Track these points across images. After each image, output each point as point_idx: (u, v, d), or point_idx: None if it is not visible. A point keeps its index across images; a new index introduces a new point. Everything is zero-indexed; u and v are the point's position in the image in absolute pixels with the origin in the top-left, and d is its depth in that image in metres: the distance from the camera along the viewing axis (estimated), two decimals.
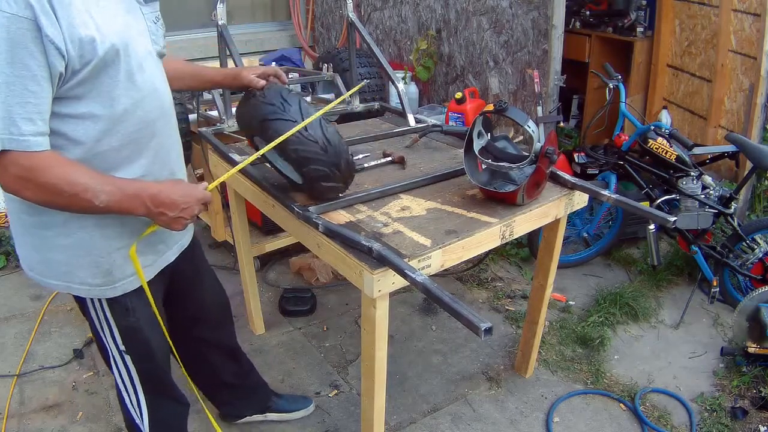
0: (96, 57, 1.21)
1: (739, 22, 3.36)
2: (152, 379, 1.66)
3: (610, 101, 3.16)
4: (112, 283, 1.45)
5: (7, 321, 2.90)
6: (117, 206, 1.27)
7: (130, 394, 1.64)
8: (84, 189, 1.21)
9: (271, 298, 3.13)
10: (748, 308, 2.57)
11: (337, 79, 3.07)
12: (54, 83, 1.18)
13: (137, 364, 1.59)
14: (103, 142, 1.30)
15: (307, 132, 1.60)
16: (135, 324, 1.53)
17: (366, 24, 4.75)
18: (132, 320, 1.52)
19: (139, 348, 1.57)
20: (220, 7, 2.41)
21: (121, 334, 1.52)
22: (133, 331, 1.53)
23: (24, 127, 1.15)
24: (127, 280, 1.47)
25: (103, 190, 1.23)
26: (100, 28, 1.22)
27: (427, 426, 2.32)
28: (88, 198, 1.22)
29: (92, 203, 1.23)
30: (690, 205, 2.90)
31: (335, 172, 1.70)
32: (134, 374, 1.60)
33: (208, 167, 2.64)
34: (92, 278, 1.42)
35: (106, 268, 1.42)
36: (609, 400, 2.45)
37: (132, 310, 1.50)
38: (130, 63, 1.30)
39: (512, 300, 3.12)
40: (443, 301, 1.37)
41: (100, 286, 1.44)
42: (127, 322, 1.51)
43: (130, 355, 1.56)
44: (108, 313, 1.49)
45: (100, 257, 1.40)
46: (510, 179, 2.03)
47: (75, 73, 1.20)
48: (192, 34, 5.03)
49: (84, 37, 1.18)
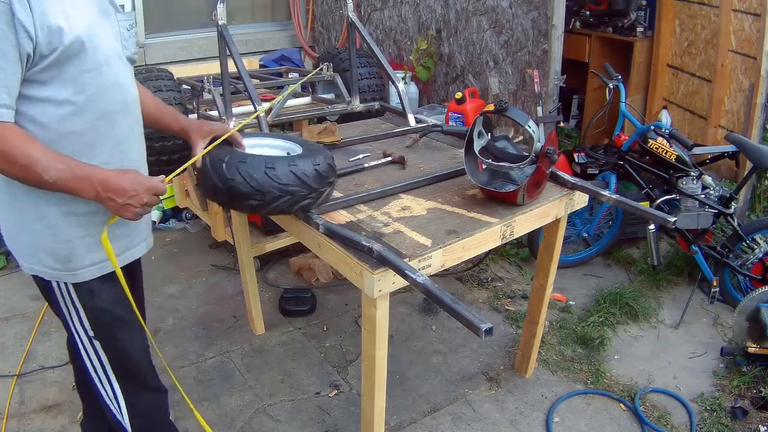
0: (62, 45, 1.29)
1: (739, 22, 3.36)
2: (124, 364, 1.65)
3: (610, 101, 3.16)
4: (72, 270, 1.49)
5: (7, 321, 2.90)
6: (66, 185, 1.33)
7: (104, 383, 1.64)
8: (35, 162, 1.28)
9: (271, 298, 3.13)
10: (748, 308, 2.57)
11: (337, 79, 3.07)
12: (23, 63, 1.27)
13: (107, 350, 1.60)
14: (66, 125, 1.37)
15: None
16: (102, 305, 1.55)
17: (366, 24, 4.75)
18: (98, 301, 1.54)
19: (107, 332, 1.59)
20: (220, 7, 2.40)
21: (88, 318, 1.55)
22: (99, 313, 1.55)
23: None
24: (87, 270, 1.50)
25: (53, 166, 1.30)
26: (69, 20, 1.30)
27: (427, 426, 2.32)
28: (37, 171, 1.28)
29: (41, 177, 1.29)
30: (690, 205, 2.90)
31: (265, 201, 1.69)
32: (105, 361, 1.61)
33: None
34: (54, 263, 1.47)
35: (65, 255, 1.47)
36: (609, 400, 2.45)
37: (97, 293, 1.53)
38: (97, 56, 1.37)
39: (512, 300, 3.12)
40: (443, 302, 1.37)
41: (61, 270, 1.48)
42: (94, 303, 1.54)
43: (99, 340, 1.58)
44: (74, 296, 1.52)
45: (60, 243, 1.46)
46: (510, 179, 2.03)
47: (43, 58, 1.28)
48: (192, 34, 5.03)
49: (53, 25, 1.26)
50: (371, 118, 2.93)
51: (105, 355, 1.61)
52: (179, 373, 2.56)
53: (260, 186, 1.63)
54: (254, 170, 1.62)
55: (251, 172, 1.62)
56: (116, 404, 1.67)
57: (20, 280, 3.25)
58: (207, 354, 2.69)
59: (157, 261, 3.46)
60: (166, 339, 2.77)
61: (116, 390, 1.66)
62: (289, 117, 2.87)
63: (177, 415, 2.32)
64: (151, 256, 3.52)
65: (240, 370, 2.59)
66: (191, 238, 3.75)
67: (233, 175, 1.63)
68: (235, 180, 1.62)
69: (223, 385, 2.50)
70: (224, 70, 2.54)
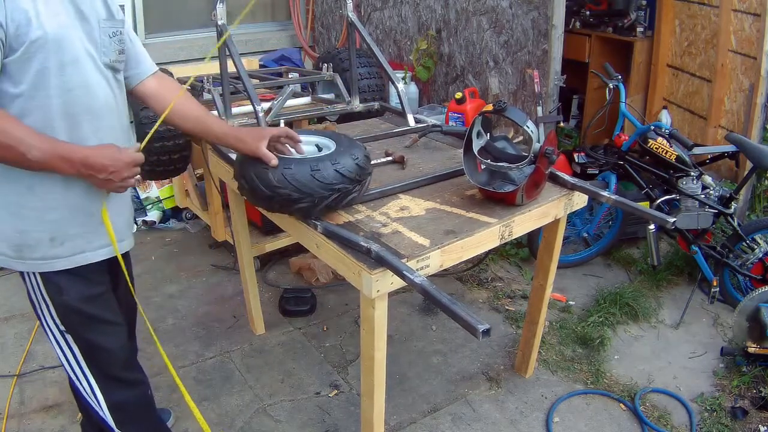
0: (28, 40, 1.32)
1: (739, 22, 3.35)
2: (98, 359, 1.64)
3: (610, 101, 3.16)
4: (21, 258, 1.51)
5: (7, 321, 2.91)
6: (48, 164, 1.37)
7: (79, 377, 1.64)
8: (19, 142, 1.32)
9: (271, 298, 3.13)
10: (748, 308, 2.57)
11: (337, 79, 3.06)
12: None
13: (79, 344, 1.60)
14: (25, 120, 1.38)
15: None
16: (70, 303, 1.55)
17: (366, 24, 4.74)
18: (66, 299, 1.55)
19: (77, 329, 1.59)
20: (220, 7, 2.40)
21: (57, 312, 1.56)
22: (68, 310, 1.56)
23: None
24: (35, 263, 1.52)
25: (37, 146, 1.34)
26: (40, 17, 1.33)
27: (427, 426, 2.32)
28: (21, 151, 1.32)
29: (25, 156, 1.33)
30: (690, 205, 2.89)
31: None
32: (78, 354, 1.61)
33: (207, 167, 2.65)
34: (7, 249, 1.51)
35: (17, 243, 1.50)
36: (609, 400, 2.45)
37: (65, 290, 1.54)
38: (62, 55, 1.39)
39: (512, 300, 3.12)
40: (441, 303, 1.37)
41: (12, 258, 1.51)
42: (62, 300, 1.55)
43: (70, 334, 1.59)
44: (42, 289, 1.54)
45: (13, 232, 1.49)
46: (509, 179, 2.03)
47: (12, 50, 1.33)
48: (192, 34, 5.04)
49: (22, 20, 1.31)
50: (371, 118, 2.94)
51: (77, 348, 1.61)
52: (179, 374, 2.56)
53: (310, 189, 1.67)
54: (301, 175, 1.66)
55: (298, 177, 1.66)
56: (94, 399, 1.67)
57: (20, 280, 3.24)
58: (207, 354, 2.69)
59: (157, 261, 3.47)
60: (166, 339, 2.77)
61: (92, 384, 1.65)
62: (289, 117, 2.87)
63: (177, 415, 2.33)
64: (151, 256, 3.52)
65: (240, 370, 2.59)
66: (191, 238, 3.76)
67: (281, 182, 1.67)
68: (284, 187, 1.66)
69: (223, 385, 2.51)
70: (224, 70, 2.54)
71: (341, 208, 1.83)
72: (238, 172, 1.80)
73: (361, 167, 1.76)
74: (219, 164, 2.41)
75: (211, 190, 3.11)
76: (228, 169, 2.27)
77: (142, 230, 3.85)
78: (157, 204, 3.92)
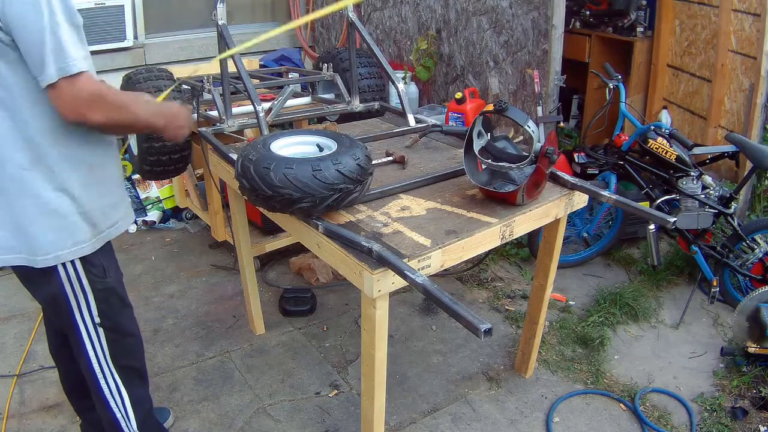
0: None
1: (739, 22, 3.36)
2: (125, 348, 1.74)
3: (610, 101, 3.16)
4: (95, 236, 1.58)
5: (7, 321, 2.91)
6: (149, 118, 1.52)
7: (106, 375, 1.70)
8: (129, 103, 1.46)
9: (271, 298, 3.13)
10: (748, 308, 2.57)
11: (337, 79, 3.06)
12: None
13: (111, 333, 1.67)
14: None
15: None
16: (110, 285, 1.64)
17: (366, 24, 4.74)
18: (108, 281, 1.64)
19: (114, 313, 1.67)
20: (220, 7, 2.40)
21: (97, 300, 1.62)
22: (108, 294, 1.64)
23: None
24: (101, 236, 1.60)
25: (140, 104, 1.50)
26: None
27: (427, 426, 2.32)
28: (133, 110, 1.45)
29: (137, 114, 1.47)
30: (690, 205, 2.89)
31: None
32: (107, 350, 1.68)
33: (207, 167, 2.65)
34: (83, 234, 1.54)
35: (94, 222, 1.57)
36: (609, 400, 2.45)
37: (107, 270, 1.63)
38: None
39: (512, 300, 3.12)
40: (442, 302, 1.37)
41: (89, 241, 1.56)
42: (105, 283, 1.62)
43: (103, 327, 1.66)
44: (83, 278, 1.57)
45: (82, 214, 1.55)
46: (510, 179, 2.03)
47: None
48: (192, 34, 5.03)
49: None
50: (371, 118, 2.93)
51: (107, 343, 1.68)
52: (179, 373, 2.56)
53: (311, 189, 1.67)
54: (302, 175, 1.67)
55: (299, 177, 1.67)
56: (119, 396, 1.73)
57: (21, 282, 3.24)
58: (207, 354, 2.69)
59: (157, 261, 3.46)
60: (166, 339, 2.77)
61: (117, 380, 1.72)
62: (289, 117, 2.87)
63: (177, 415, 2.33)
64: (151, 256, 3.52)
65: (240, 370, 2.59)
66: (191, 238, 3.75)
67: (282, 182, 1.67)
68: (285, 187, 1.67)
69: (223, 385, 2.50)
70: (224, 70, 2.54)
71: (342, 207, 1.83)
72: (239, 171, 1.79)
73: (362, 167, 1.77)
74: (219, 164, 2.41)
75: (211, 190, 3.11)
76: (228, 169, 2.27)
77: (142, 230, 3.85)
78: (157, 204, 3.92)
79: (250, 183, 1.74)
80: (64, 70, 1.30)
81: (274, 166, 1.69)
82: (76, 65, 1.31)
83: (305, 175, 1.67)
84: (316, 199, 1.69)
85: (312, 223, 1.77)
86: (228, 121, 2.59)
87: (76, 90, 1.32)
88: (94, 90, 1.34)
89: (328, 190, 1.69)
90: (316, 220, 1.77)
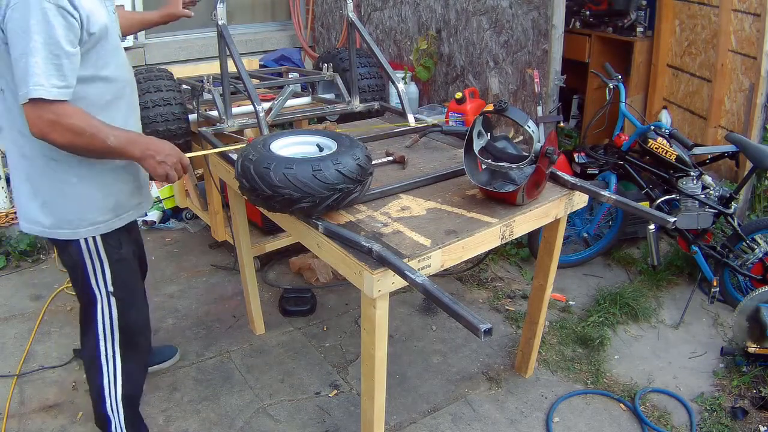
0: (97, 30, 1.59)
1: (739, 22, 3.36)
2: (131, 317, 1.91)
3: (610, 101, 3.16)
4: (115, 216, 1.80)
5: (7, 321, 2.90)
6: (121, 147, 1.60)
7: (107, 340, 1.89)
8: (99, 131, 1.55)
9: (271, 298, 3.13)
10: (748, 308, 2.57)
11: (337, 79, 3.06)
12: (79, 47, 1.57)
13: (121, 302, 1.86)
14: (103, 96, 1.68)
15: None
16: (124, 256, 1.85)
17: (366, 24, 4.74)
18: (123, 252, 1.84)
19: (126, 281, 1.87)
20: (220, 7, 2.40)
21: (112, 269, 1.82)
22: (122, 264, 1.84)
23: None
24: (119, 218, 1.82)
25: (112, 133, 1.58)
26: (94, 12, 1.59)
27: (427, 426, 2.32)
28: (101, 138, 1.55)
29: (105, 143, 1.56)
30: (690, 205, 2.89)
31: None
32: (115, 318, 1.87)
33: (207, 167, 2.65)
34: (102, 215, 1.76)
35: (111, 207, 1.79)
36: (609, 400, 2.45)
37: (123, 243, 1.84)
38: (114, 41, 1.70)
39: (512, 300, 3.12)
40: (442, 302, 1.37)
41: (110, 220, 1.78)
42: (120, 254, 1.83)
43: (115, 297, 1.85)
44: (101, 250, 1.78)
45: (107, 197, 1.77)
46: (510, 179, 2.03)
47: (83, 43, 1.56)
48: (192, 34, 5.03)
49: (89, 14, 1.56)
50: (371, 118, 2.93)
51: (117, 312, 1.86)
52: (179, 373, 2.56)
53: (311, 189, 1.68)
54: (302, 175, 1.67)
55: (299, 177, 1.67)
56: (113, 366, 1.91)
57: (20, 279, 3.25)
58: (207, 354, 2.69)
59: (157, 261, 3.46)
60: (166, 339, 2.77)
61: (116, 350, 1.90)
62: (289, 117, 2.87)
63: (177, 416, 2.33)
64: (151, 256, 3.52)
65: (240, 370, 2.59)
66: (191, 238, 3.75)
67: (282, 182, 1.67)
68: (285, 187, 1.67)
69: (223, 385, 2.50)
70: (224, 70, 2.54)
71: (342, 207, 1.83)
72: (239, 171, 1.80)
73: (362, 167, 1.77)
74: (219, 164, 2.41)
75: (211, 190, 3.11)
76: (228, 168, 2.27)
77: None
78: (157, 204, 3.92)
79: (250, 183, 1.74)
80: (29, 94, 1.46)
81: (274, 166, 1.69)
82: (37, 91, 1.45)
83: (305, 175, 1.67)
84: (316, 199, 1.69)
85: (312, 223, 1.77)
86: (228, 121, 2.59)
87: (37, 113, 1.49)
88: (52, 117, 1.49)
89: (328, 190, 1.70)
90: (316, 220, 1.77)
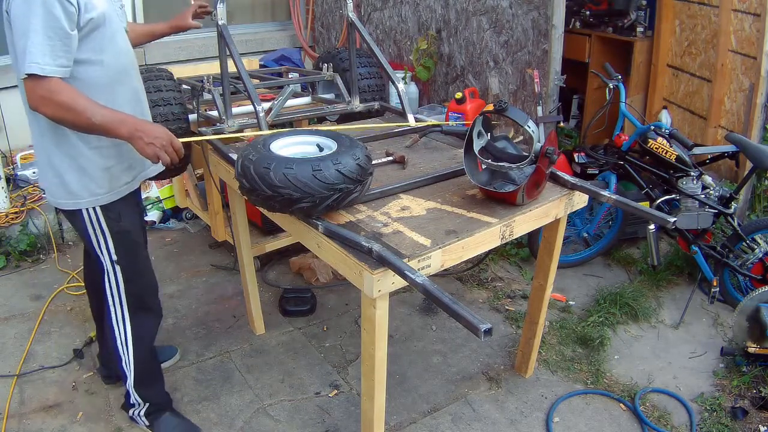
0: (93, 15, 1.68)
1: (739, 22, 3.36)
2: (137, 284, 2.02)
3: (610, 101, 3.16)
4: (111, 190, 1.88)
5: (7, 321, 2.90)
6: (109, 125, 1.67)
7: (116, 305, 2.01)
8: (85, 108, 1.63)
9: (271, 298, 3.13)
10: (748, 308, 2.57)
11: (337, 79, 3.06)
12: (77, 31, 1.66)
13: (126, 271, 1.96)
14: (98, 79, 1.76)
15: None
16: (124, 228, 1.93)
17: (366, 24, 4.74)
18: (123, 224, 1.93)
19: (128, 252, 1.96)
20: (220, 7, 2.40)
21: (114, 240, 1.91)
22: (122, 236, 1.93)
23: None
24: (116, 192, 1.90)
25: (99, 111, 1.65)
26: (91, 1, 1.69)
27: (427, 426, 2.32)
28: (87, 115, 1.63)
29: (91, 120, 1.63)
30: (690, 205, 2.89)
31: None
32: (122, 284, 1.98)
33: (207, 167, 2.64)
34: (99, 188, 1.85)
35: (108, 180, 1.87)
36: (609, 400, 2.45)
37: (123, 215, 1.92)
38: (112, 28, 1.78)
39: (512, 300, 3.12)
40: (442, 302, 1.37)
41: (106, 193, 1.87)
42: (119, 226, 1.92)
43: (120, 265, 1.95)
44: (103, 222, 1.89)
45: (103, 171, 1.86)
46: (510, 179, 2.03)
47: (80, 29, 1.65)
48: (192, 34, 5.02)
49: (88, 2, 1.67)
50: (371, 118, 2.93)
51: (122, 279, 1.97)
52: (179, 373, 2.56)
53: (311, 189, 1.68)
54: (302, 175, 1.67)
55: (299, 177, 1.67)
56: (122, 328, 2.03)
57: (20, 279, 3.25)
58: (207, 354, 2.69)
59: (157, 261, 3.46)
60: (166, 339, 2.77)
61: (125, 313, 2.01)
62: (289, 117, 2.87)
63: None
64: (151, 256, 3.52)
65: (240, 370, 2.59)
66: (191, 238, 3.75)
67: (282, 182, 1.67)
68: (285, 187, 1.67)
69: (223, 385, 2.50)
70: (224, 70, 2.54)
71: (342, 207, 1.83)
72: (239, 171, 1.80)
73: (362, 167, 1.77)
74: (219, 164, 2.41)
75: (211, 190, 3.11)
76: (228, 169, 2.27)
77: None
78: (157, 204, 3.92)
79: (250, 183, 1.74)
80: (25, 70, 1.58)
81: (274, 166, 1.69)
82: (32, 68, 1.57)
83: (305, 175, 1.67)
84: (316, 199, 1.69)
85: (312, 223, 1.77)
86: (228, 121, 2.58)
87: (31, 87, 1.61)
88: (43, 93, 1.60)
89: (328, 190, 1.70)
90: (316, 220, 1.77)
